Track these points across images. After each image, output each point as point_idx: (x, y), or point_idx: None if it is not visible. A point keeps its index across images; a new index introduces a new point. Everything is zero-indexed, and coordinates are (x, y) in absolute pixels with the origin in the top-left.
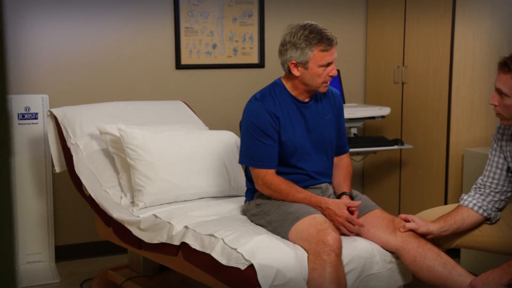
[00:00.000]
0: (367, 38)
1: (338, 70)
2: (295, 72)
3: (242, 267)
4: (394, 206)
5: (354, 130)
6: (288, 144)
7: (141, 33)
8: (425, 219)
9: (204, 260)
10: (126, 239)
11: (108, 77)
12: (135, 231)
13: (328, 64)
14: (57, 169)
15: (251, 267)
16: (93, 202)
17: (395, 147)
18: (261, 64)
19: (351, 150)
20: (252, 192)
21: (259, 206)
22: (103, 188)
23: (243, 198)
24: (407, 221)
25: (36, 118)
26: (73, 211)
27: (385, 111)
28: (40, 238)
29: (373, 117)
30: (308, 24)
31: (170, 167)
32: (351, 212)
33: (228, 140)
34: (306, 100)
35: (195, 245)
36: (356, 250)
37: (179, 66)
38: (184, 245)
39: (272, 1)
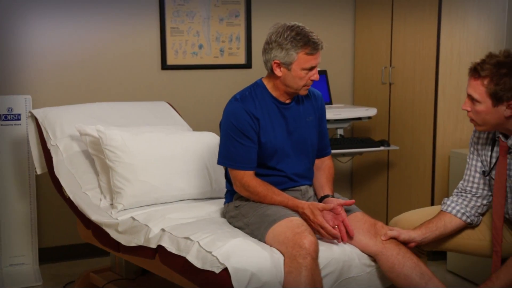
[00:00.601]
0: (355, 39)
1: (325, 71)
2: (277, 72)
3: (217, 271)
4: (382, 206)
5: (340, 131)
6: (268, 146)
7: (126, 34)
8: (405, 221)
9: (180, 263)
10: (105, 241)
11: (92, 78)
12: (113, 234)
13: (312, 68)
14: (38, 171)
15: (225, 270)
16: (73, 204)
17: (381, 148)
18: (248, 65)
19: (336, 151)
20: (231, 194)
21: (238, 208)
22: (82, 190)
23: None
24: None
25: (19, 119)
26: (57, 213)
27: (371, 112)
28: (24, 240)
29: (359, 118)
30: (295, 25)
31: (149, 169)
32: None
33: (210, 142)
34: (287, 101)
35: (171, 248)
36: (334, 253)
37: (164, 66)
38: (160, 248)
39: (259, 1)
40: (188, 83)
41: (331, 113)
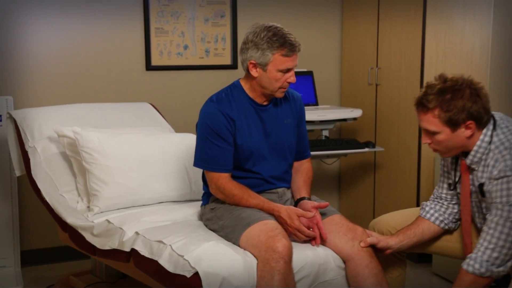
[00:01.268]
0: (342, 39)
1: (311, 72)
2: (253, 72)
3: (188, 275)
4: (369, 208)
5: (325, 133)
6: (244, 148)
7: (110, 34)
8: (384, 223)
9: (153, 267)
10: (81, 244)
11: (76, 79)
12: (88, 237)
13: (288, 70)
14: (17, 173)
15: (197, 274)
16: (50, 207)
17: (366, 149)
18: (233, 65)
19: (320, 152)
20: (208, 196)
21: (213, 211)
22: (59, 192)
23: None
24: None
25: (0, 120)
26: (39, 215)
27: (356, 113)
28: (5, 242)
29: (344, 119)
30: (273, 26)
31: (127, 171)
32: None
33: (189, 143)
34: (265, 103)
35: (144, 251)
36: (309, 256)
37: (149, 67)
38: (134, 251)
39: (245, 2)
40: (173, 84)
41: (316, 114)
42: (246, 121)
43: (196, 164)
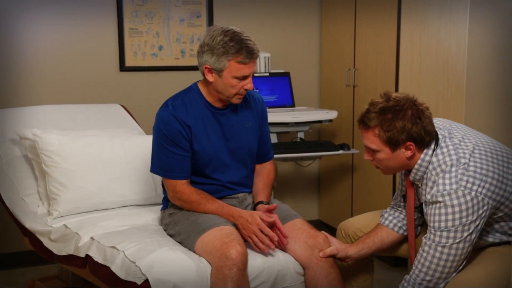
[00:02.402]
0: (321, 40)
1: (288, 73)
2: (209, 77)
3: (139, 282)
4: (347, 209)
5: (301, 134)
6: (202, 154)
7: (83, 34)
8: (351, 226)
9: (106, 273)
10: (40, 249)
11: (47, 80)
12: (46, 242)
13: (245, 77)
14: None
15: (148, 281)
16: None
17: (341, 152)
18: None
19: (293, 155)
20: (167, 201)
21: (171, 216)
22: (20, 196)
23: None
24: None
25: None
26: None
27: (332, 114)
28: None
29: (319, 121)
30: (231, 30)
31: (88, 174)
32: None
33: None
34: (223, 107)
35: (97, 257)
36: (267, 262)
37: (123, 68)
38: (89, 257)
39: (221, 2)
40: (147, 85)
41: (290, 116)
42: (203, 126)
43: (153, 170)
